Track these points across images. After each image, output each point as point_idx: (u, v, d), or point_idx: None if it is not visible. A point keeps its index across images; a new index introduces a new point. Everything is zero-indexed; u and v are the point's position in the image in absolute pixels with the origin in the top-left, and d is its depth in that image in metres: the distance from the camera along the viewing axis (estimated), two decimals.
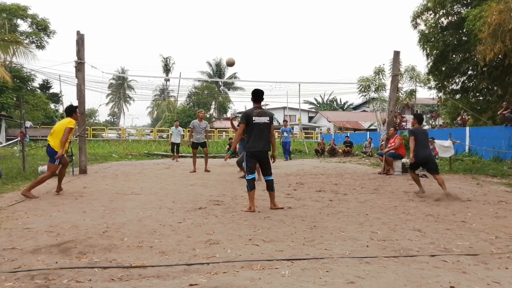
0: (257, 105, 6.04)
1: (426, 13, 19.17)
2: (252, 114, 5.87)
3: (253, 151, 5.89)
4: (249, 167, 5.94)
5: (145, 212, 5.62)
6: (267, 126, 5.92)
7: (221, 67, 55.91)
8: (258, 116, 5.87)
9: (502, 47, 12.91)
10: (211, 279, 3.04)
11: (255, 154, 5.90)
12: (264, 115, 5.94)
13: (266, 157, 6.00)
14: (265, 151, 5.96)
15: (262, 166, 6.08)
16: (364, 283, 2.96)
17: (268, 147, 5.99)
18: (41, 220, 5.04)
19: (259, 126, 5.86)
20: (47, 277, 3.04)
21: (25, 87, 30.54)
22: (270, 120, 5.96)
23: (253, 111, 5.92)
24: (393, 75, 13.43)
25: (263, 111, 6.01)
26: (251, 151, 5.89)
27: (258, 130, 5.86)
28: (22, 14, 30.48)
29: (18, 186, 8.27)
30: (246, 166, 6.03)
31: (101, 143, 26.44)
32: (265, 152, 5.96)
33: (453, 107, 20.96)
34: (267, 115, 5.97)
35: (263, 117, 5.90)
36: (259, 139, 5.86)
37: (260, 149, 5.88)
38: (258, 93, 6.08)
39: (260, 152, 5.91)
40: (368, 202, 6.63)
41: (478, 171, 11.29)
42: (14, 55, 18.39)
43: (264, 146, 5.90)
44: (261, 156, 5.95)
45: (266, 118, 5.92)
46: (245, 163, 6.06)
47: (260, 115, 5.89)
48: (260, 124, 5.86)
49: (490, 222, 5.12)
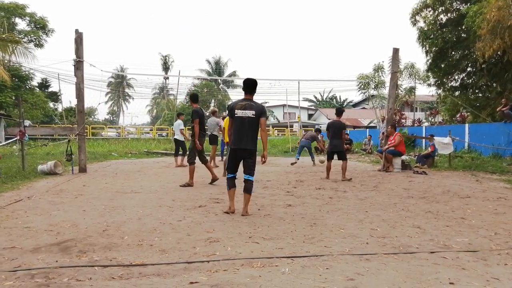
0: (247, 97, 5.38)
1: (425, 10, 19.16)
2: (236, 107, 5.27)
3: (233, 149, 5.37)
4: (229, 165, 5.45)
5: (145, 211, 5.63)
6: (252, 121, 5.22)
7: (220, 65, 55.87)
8: (241, 109, 5.22)
9: (501, 43, 12.92)
10: (211, 277, 3.04)
11: (238, 152, 5.34)
12: (250, 108, 5.22)
13: (249, 155, 5.33)
14: (248, 150, 5.30)
15: (244, 164, 5.42)
16: (364, 280, 2.97)
17: (253, 145, 5.32)
18: (41, 219, 5.04)
19: (242, 120, 5.22)
20: (47, 276, 3.04)
21: (24, 86, 30.51)
22: (258, 114, 5.23)
23: (237, 104, 5.33)
24: (393, 72, 13.43)
25: (250, 104, 5.28)
26: (234, 148, 5.35)
27: (241, 125, 5.24)
28: (20, 13, 30.41)
29: (18, 185, 8.27)
30: (227, 164, 5.56)
31: (100, 142, 26.44)
32: (248, 150, 5.30)
33: (453, 104, 20.98)
34: (254, 109, 5.23)
35: (248, 111, 5.21)
36: (241, 135, 5.24)
37: (241, 147, 5.27)
38: (249, 83, 5.39)
39: (241, 150, 5.30)
40: (367, 199, 6.64)
41: (478, 168, 11.31)
42: (12, 54, 18.35)
43: (247, 143, 5.25)
44: (242, 154, 5.33)
45: (251, 112, 5.20)
46: (228, 161, 5.56)
47: (244, 108, 5.22)
48: (243, 118, 5.21)
49: (489, 219, 5.14)
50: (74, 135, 12.07)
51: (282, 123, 49.78)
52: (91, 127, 36.43)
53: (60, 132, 20.22)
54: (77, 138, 11.44)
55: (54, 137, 25.34)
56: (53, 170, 10.25)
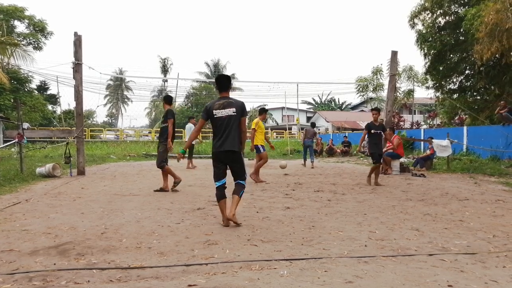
0: (223, 95, 4.90)
1: (424, 13, 19.22)
2: (213, 107, 4.77)
3: (215, 152, 4.83)
4: (215, 172, 4.89)
5: (144, 213, 5.62)
6: (233, 120, 4.76)
7: (219, 67, 55.92)
8: (220, 109, 4.74)
9: (499, 46, 12.96)
10: (209, 279, 3.04)
11: (220, 157, 4.82)
12: (229, 106, 4.76)
13: (236, 158, 4.87)
14: (233, 152, 4.81)
15: (232, 169, 4.93)
16: (363, 283, 2.97)
17: (236, 146, 4.80)
18: (39, 222, 5.03)
19: (222, 120, 4.73)
20: (45, 279, 3.03)
21: (22, 89, 30.46)
22: (239, 112, 4.78)
23: (214, 103, 4.82)
24: (391, 75, 13.47)
25: (229, 102, 4.80)
26: (215, 151, 4.83)
27: (222, 126, 4.74)
28: (19, 16, 30.39)
29: (16, 187, 8.25)
30: (213, 171, 4.94)
31: (99, 144, 26.42)
32: (234, 152, 4.82)
33: (451, 107, 21.02)
34: (234, 106, 4.77)
35: (228, 109, 4.74)
36: (224, 137, 4.73)
37: (225, 149, 4.75)
38: (223, 80, 4.94)
39: (226, 153, 4.78)
40: (366, 202, 6.64)
41: (476, 170, 11.33)
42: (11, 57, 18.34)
43: (231, 145, 4.75)
44: (228, 158, 4.82)
45: (231, 110, 4.74)
46: (213, 167, 4.96)
47: (223, 107, 4.74)
48: (223, 118, 4.73)
49: (487, 221, 5.14)
50: (72, 138, 12.07)
51: (280, 126, 49.83)
52: (90, 129, 36.39)
53: (58, 134, 20.21)
54: (75, 140, 11.44)
55: (53, 139, 25.29)
56: (52, 173, 10.24)
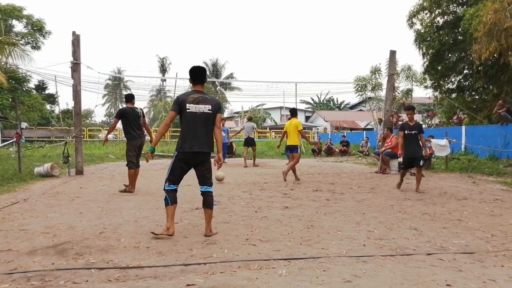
0: (198, 88, 4.44)
1: (422, 12, 19.24)
2: (187, 100, 4.26)
3: (184, 153, 4.28)
4: (173, 174, 4.33)
5: (142, 213, 5.61)
6: (207, 118, 4.31)
7: (217, 67, 55.88)
8: (194, 103, 4.27)
9: (497, 46, 12.97)
10: (208, 279, 3.04)
11: (189, 158, 4.30)
12: (204, 102, 4.31)
13: (205, 160, 4.38)
14: (203, 153, 4.34)
15: (198, 173, 4.43)
16: (361, 282, 2.97)
17: (208, 148, 4.36)
18: (37, 222, 5.02)
19: (194, 117, 4.26)
20: (43, 279, 3.03)
21: (20, 88, 30.37)
22: (214, 110, 4.35)
23: (188, 96, 4.31)
24: (389, 75, 13.48)
25: (204, 97, 4.36)
26: (183, 152, 4.28)
27: (193, 123, 4.26)
28: (17, 15, 30.30)
29: (14, 187, 8.23)
30: (169, 173, 4.35)
31: (97, 144, 26.33)
32: (203, 154, 4.34)
33: (449, 106, 21.04)
34: (209, 103, 4.33)
35: (203, 105, 4.29)
36: (195, 136, 4.26)
37: (194, 150, 4.26)
38: (198, 71, 4.45)
39: (194, 154, 4.29)
40: (365, 201, 6.65)
41: (474, 170, 11.34)
42: (9, 56, 18.32)
43: (201, 145, 4.28)
44: (197, 159, 4.33)
45: (207, 107, 4.30)
46: (169, 169, 4.37)
47: (197, 102, 4.28)
48: (196, 114, 4.26)
49: (486, 221, 5.15)
50: (71, 137, 12.05)
51: (279, 125, 49.78)
52: (88, 129, 36.33)
53: (57, 134, 20.16)
54: (74, 140, 11.42)
55: (51, 139, 25.23)
56: (50, 172, 10.21)
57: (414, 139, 7.83)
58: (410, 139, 7.87)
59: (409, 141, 7.90)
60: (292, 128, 9.61)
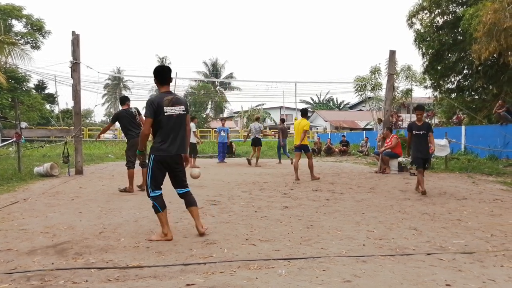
0: (165, 89, 4.31)
1: (422, 12, 19.26)
2: (163, 103, 4.14)
3: (163, 157, 4.19)
4: (155, 179, 4.22)
5: (142, 213, 5.62)
6: (182, 119, 4.27)
7: (217, 66, 55.86)
8: (170, 106, 4.16)
9: (497, 46, 12.98)
10: (208, 279, 3.04)
11: (168, 161, 4.22)
12: (178, 103, 4.25)
13: (181, 162, 4.35)
14: (180, 156, 4.33)
15: (174, 176, 4.35)
16: (361, 282, 2.97)
17: (184, 149, 4.35)
18: (37, 221, 5.02)
19: (172, 120, 4.18)
20: (43, 278, 3.03)
21: (20, 88, 30.34)
22: (186, 110, 4.33)
23: (163, 99, 4.16)
24: (389, 75, 13.50)
25: (176, 98, 4.29)
26: (161, 155, 4.18)
27: (171, 126, 4.18)
28: (17, 15, 30.27)
29: (14, 187, 8.23)
30: (151, 179, 4.22)
31: (97, 144, 26.33)
32: (180, 156, 4.33)
33: (449, 106, 21.06)
34: (182, 103, 4.29)
35: (178, 107, 4.22)
36: (174, 139, 4.20)
37: (174, 153, 4.21)
38: (165, 72, 4.31)
39: (173, 157, 4.23)
40: (364, 201, 6.65)
41: (474, 170, 11.35)
42: (9, 56, 18.29)
43: (179, 148, 4.25)
44: (175, 162, 4.27)
45: (181, 108, 4.25)
46: (150, 174, 4.23)
47: (172, 104, 4.18)
48: (173, 117, 4.18)
49: (485, 220, 5.15)
50: (70, 137, 12.04)
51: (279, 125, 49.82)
52: (88, 129, 36.32)
53: (56, 134, 20.17)
54: (73, 140, 11.41)
55: (51, 139, 25.23)
56: (50, 172, 10.21)
57: (423, 139, 7.56)
58: (418, 139, 7.60)
59: (418, 141, 7.61)
60: (300, 128, 9.93)
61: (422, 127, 7.58)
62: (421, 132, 7.55)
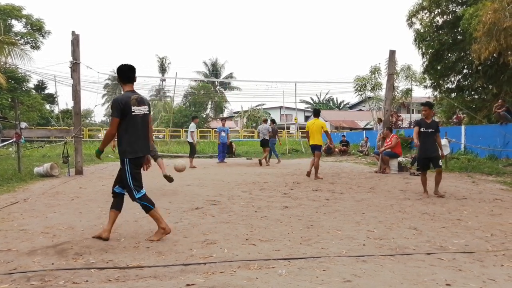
0: (130, 88, 4.22)
1: (422, 12, 19.27)
2: (130, 103, 4.05)
3: (137, 158, 4.18)
4: (136, 180, 4.19)
5: (142, 213, 5.57)
6: (146, 119, 4.27)
7: (217, 66, 55.86)
8: (136, 105, 4.10)
9: (497, 45, 12.99)
10: (208, 279, 3.04)
11: (138, 162, 4.22)
12: (143, 102, 4.21)
13: (143, 164, 4.41)
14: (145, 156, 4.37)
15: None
16: (361, 282, 2.97)
17: (148, 150, 4.39)
18: (37, 222, 5.02)
19: (139, 119, 4.14)
20: (43, 279, 3.03)
21: (20, 88, 30.35)
22: (149, 109, 4.34)
23: (130, 98, 4.07)
24: (389, 74, 13.50)
25: (141, 97, 4.23)
26: (137, 157, 4.17)
27: (138, 126, 4.14)
28: (16, 15, 30.27)
29: (14, 187, 8.23)
30: (133, 181, 4.16)
31: (97, 144, 26.32)
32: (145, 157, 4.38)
33: (449, 106, 21.07)
34: (146, 103, 4.27)
35: (143, 106, 4.18)
36: (141, 139, 4.19)
37: (143, 154, 4.27)
38: (130, 70, 4.24)
39: (142, 158, 4.29)
40: (364, 201, 6.65)
41: (474, 169, 11.35)
42: (8, 56, 18.30)
43: (146, 148, 4.30)
44: (142, 162, 4.34)
45: (145, 107, 4.22)
46: (130, 177, 4.15)
47: (138, 104, 4.13)
48: (139, 116, 4.14)
49: (485, 220, 5.15)
50: (70, 137, 12.04)
51: (279, 125, 49.84)
52: (88, 129, 36.33)
53: (56, 134, 20.14)
54: (73, 140, 11.41)
55: (51, 139, 25.22)
56: (49, 172, 10.21)
57: (430, 137, 7.30)
58: (425, 137, 7.30)
59: (424, 139, 7.31)
60: (316, 128, 10.06)
61: (431, 125, 7.36)
62: (430, 130, 7.31)
